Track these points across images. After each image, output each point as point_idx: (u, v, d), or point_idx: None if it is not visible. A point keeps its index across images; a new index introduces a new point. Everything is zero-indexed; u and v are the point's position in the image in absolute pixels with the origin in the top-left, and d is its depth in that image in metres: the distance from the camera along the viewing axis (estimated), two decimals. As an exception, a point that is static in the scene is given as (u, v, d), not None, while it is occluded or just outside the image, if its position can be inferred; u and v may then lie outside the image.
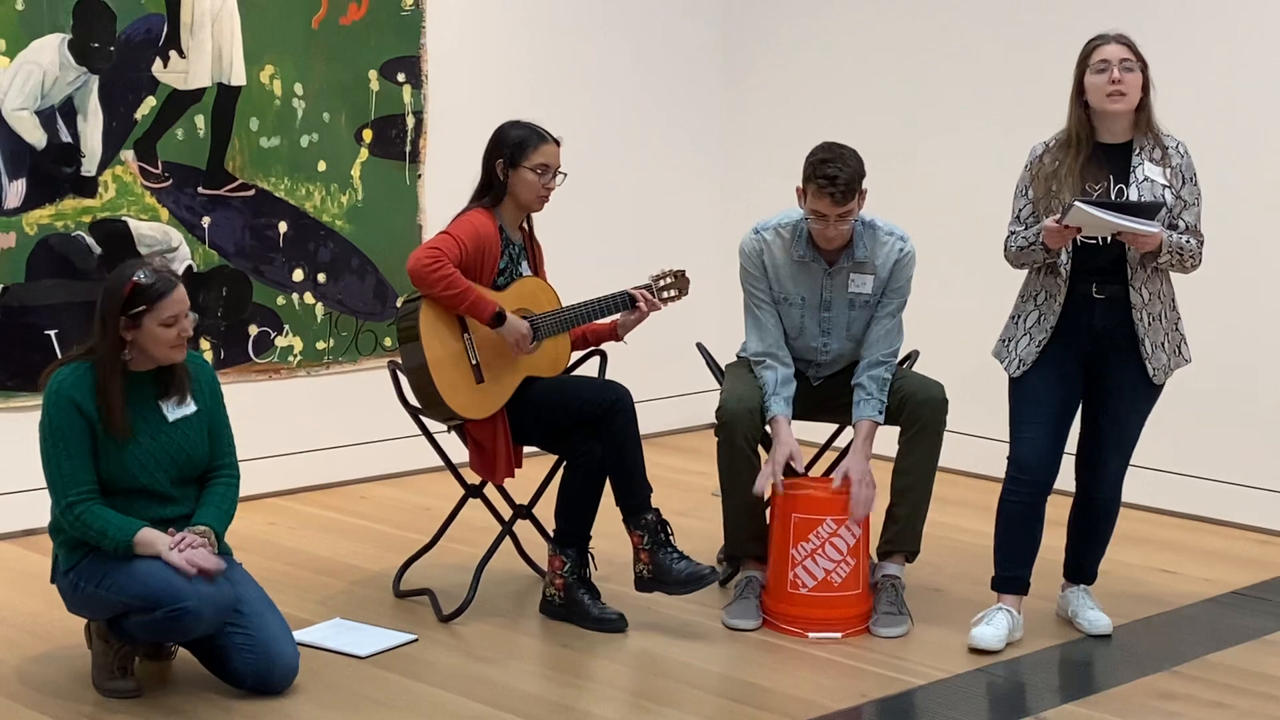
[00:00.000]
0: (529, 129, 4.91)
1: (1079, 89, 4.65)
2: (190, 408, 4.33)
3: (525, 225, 5.05)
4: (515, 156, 4.87)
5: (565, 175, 4.97)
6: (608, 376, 5.10)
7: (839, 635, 4.81)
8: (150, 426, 4.26)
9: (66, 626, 4.61)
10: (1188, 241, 4.62)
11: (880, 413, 4.94)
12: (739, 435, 4.88)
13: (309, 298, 6.39)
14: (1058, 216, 4.52)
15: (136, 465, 4.23)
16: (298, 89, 6.26)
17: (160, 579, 4.11)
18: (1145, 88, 4.62)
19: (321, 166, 6.36)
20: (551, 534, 4.97)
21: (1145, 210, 4.50)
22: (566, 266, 5.51)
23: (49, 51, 5.68)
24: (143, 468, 4.23)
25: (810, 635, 4.81)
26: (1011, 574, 4.83)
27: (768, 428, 4.95)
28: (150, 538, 4.17)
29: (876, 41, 7.13)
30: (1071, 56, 4.68)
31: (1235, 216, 5.83)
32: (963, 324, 6.31)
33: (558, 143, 4.93)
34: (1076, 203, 4.45)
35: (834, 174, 4.75)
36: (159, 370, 4.28)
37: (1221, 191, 5.46)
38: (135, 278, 4.16)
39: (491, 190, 4.92)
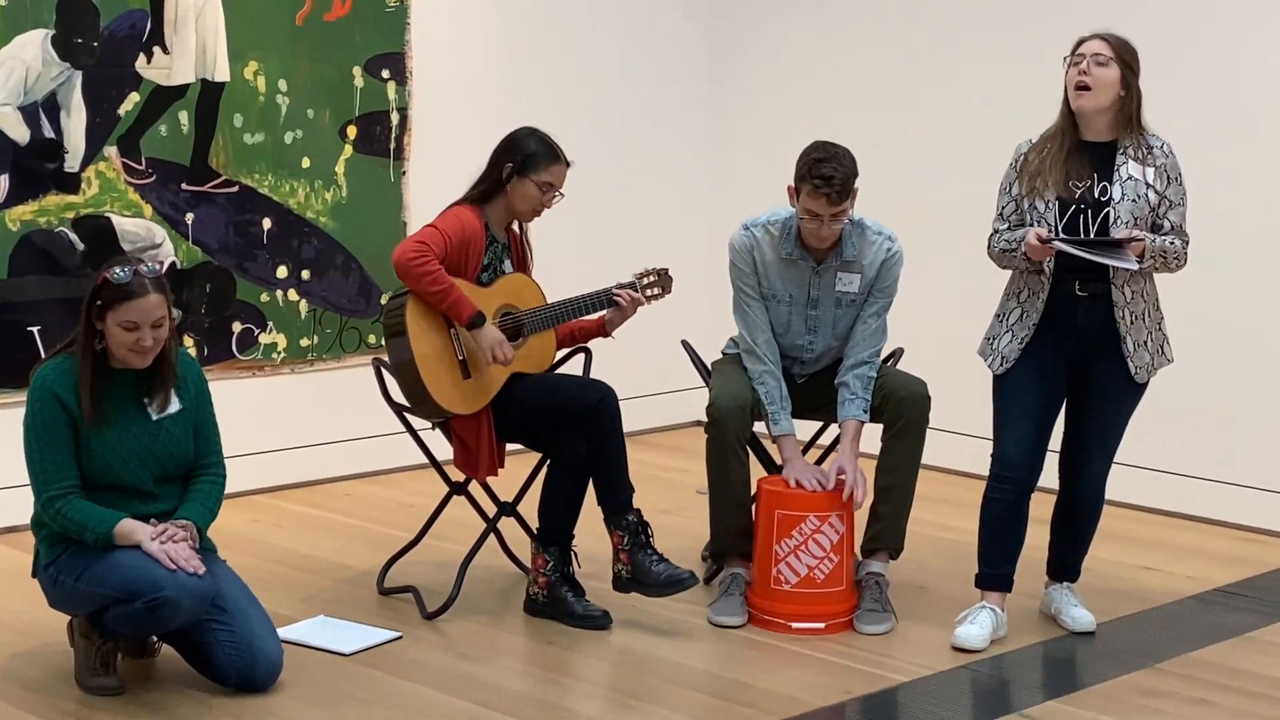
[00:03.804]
0: (547, 144, 4.91)
1: (1065, 84, 4.66)
2: (175, 405, 4.32)
3: (516, 227, 5.05)
4: (525, 166, 4.87)
5: (563, 196, 4.97)
6: (593, 375, 5.10)
7: (822, 625, 4.82)
8: (134, 423, 4.25)
9: (49, 623, 4.59)
10: (1172, 243, 4.63)
11: (865, 411, 4.95)
12: (730, 433, 4.87)
13: (293, 294, 6.37)
14: (1040, 232, 4.53)
15: (119, 461, 4.22)
16: (282, 85, 6.25)
17: (139, 569, 4.10)
18: (1125, 86, 4.61)
19: (306, 163, 6.35)
20: (535, 532, 4.96)
21: (1124, 243, 4.52)
22: (554, 263, 5.51)
23: (32, 47, 5.66)
24: (124, 464, 4.22)
25: (794, 625, 4.81)
26: (995, 571, 4.84)
27: (761, 426, 4.95)
28: (130, 528, 4.16)
29: (864, 39, 7.13)
30: (1061, 54, 4.69)
31: (1221, 216, 5.84)
32: (946, 321, 6.31)
33: (569, 164, 4.93)
34: (1057, 241, 4.50)
35: (829, 174, 4.75)
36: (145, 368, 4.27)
37: (1208, 191, 5.47)
38: (109, 272, 4.16)
39: (487, 186, 4.91)
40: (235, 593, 4.30)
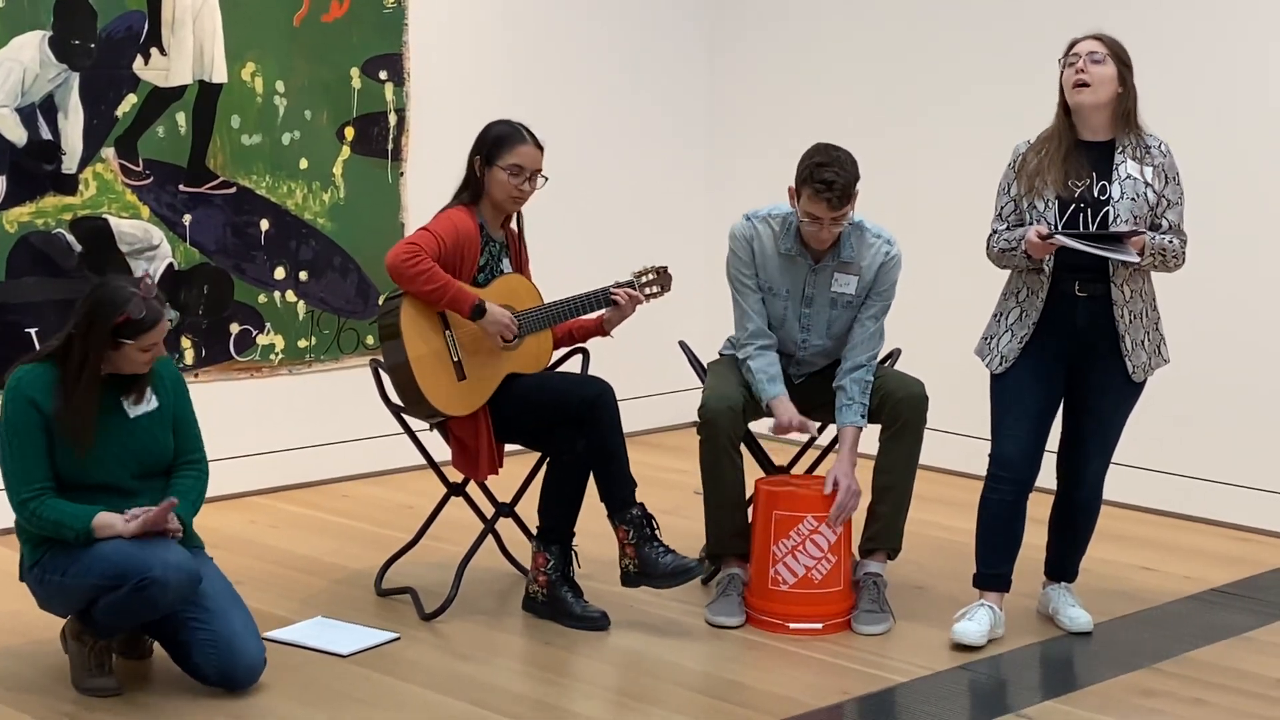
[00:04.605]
0: (510, 128, 4.90)
1: (1061, 85, 4.67)
2: (152, 404, 4.32)
3: (514, 224, 5.04)
4: (491, 155, 4.86)
5: (546, 179, 4.95)
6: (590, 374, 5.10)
7: (820, 626, 4.82)
8: (110, 422, 4.24)
9: (44, 624, 4.57)
10: (1170, 241, 4.64)
11: (863, 416, 4.95)
12: (721, 434, 4.87)
13: (290, 296, 6.37)
14: (1041, 229, 4.53)
15: (94, 462, 4.21)
16: (279, 86, 6.25)
17: (123, 554, 4.10)
18: (1123, 84, 4.62)
19: (303, 164, 6.35)
20: (534, 532, 4.96)
21: (1125, 238, 4.52)
22: (550, 262, 5.51)
23: (30, 49, 5.66)
24: (101, 464, 4.22)
25: (792, 626, 4.82)
26: (993, 571, 4.84)
27: (756, 425, 4.95)
28: (107, 519, 4.15)
29: (863, 35, 7.13)
30: (1058, 53, 4.69)
31: (1219, 216, 5.84)
32: (944, 321, 6.31)
33: (540, 146, 4.91)
34: (1059, 236, 4.49)
35: (830, 179, 4.74)
36: None
37: (1206, 191, 5.47)
38: (129, 310, 4.13)
39: (471, 187, 4.91)
40: (217, 591, 4.29)
